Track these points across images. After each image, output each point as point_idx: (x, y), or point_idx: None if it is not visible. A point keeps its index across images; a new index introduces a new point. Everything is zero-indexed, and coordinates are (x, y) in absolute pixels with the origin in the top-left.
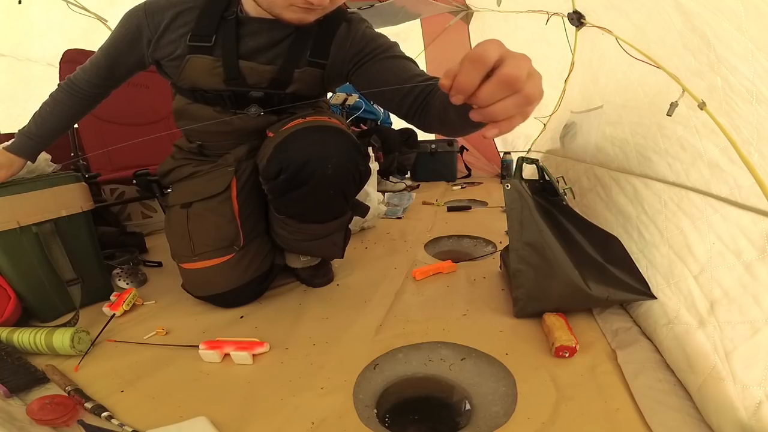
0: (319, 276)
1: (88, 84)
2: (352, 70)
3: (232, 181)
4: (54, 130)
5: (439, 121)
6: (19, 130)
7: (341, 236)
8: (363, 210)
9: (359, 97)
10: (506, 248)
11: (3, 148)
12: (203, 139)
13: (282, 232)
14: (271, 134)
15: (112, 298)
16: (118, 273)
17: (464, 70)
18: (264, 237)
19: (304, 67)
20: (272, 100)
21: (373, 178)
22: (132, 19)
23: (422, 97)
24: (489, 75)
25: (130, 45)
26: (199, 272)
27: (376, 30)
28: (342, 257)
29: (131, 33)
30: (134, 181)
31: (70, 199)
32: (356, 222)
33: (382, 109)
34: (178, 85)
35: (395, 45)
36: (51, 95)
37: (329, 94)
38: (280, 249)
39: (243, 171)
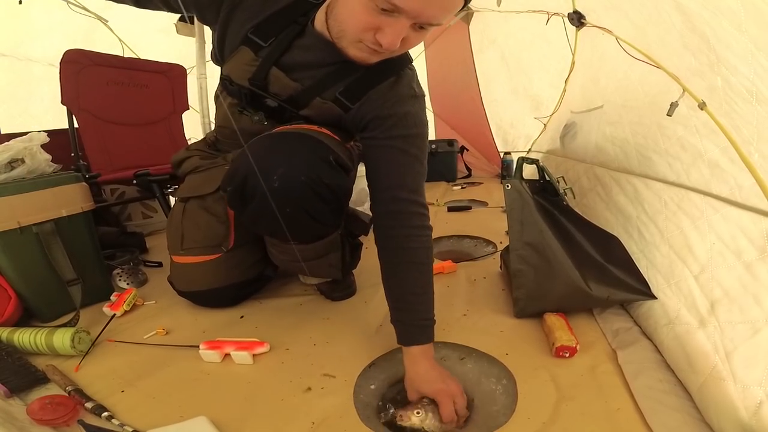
0: (339, 290)
1: None
2: (365, 134)
3: None
4: None
5: (379, 253)
6: None
7: (338, 257)
8: (363, 227)
9: None
10: (506, 248)
11: None
12: (218, 133)
13: (273, 251)
14: None
15: (112, 298)
16: (118, 273)
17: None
18: (256, 245)
19: (328, 100)
20: (284, 114)
21: None
22: None
23: (386, 217)
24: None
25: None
26: (183, 266)
27: None
28: (342, 277)
29: None
30: (134, 181)
31: (70, 199)
32: None
33: None
34: (221, 71)
35: (416, 136)
36: None
37: None
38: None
39: None
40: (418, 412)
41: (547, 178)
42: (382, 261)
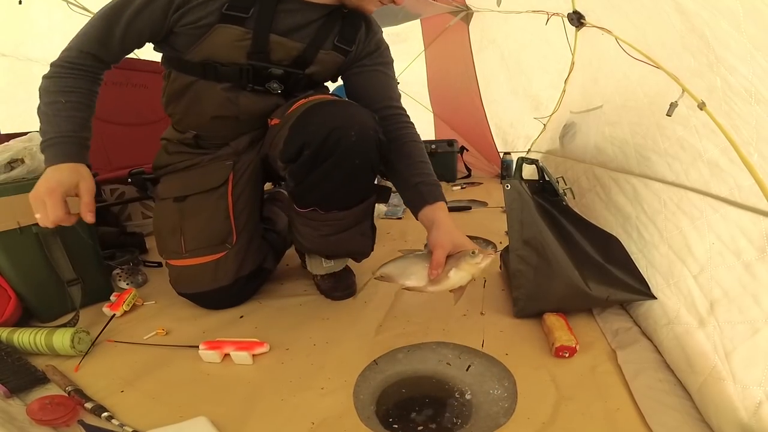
0: (340, 288)
1: (93, 59)
2: (354, 68)
3: (230, 176)
4: (85, 119)
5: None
6: (42, 142)
7: (369, 225)
8: (386, 193)
9: None
10: (506, 248)
11: (51, 167)
12: (200, 127)
13: (306, 230)
14: (275, 121)
15: (112, 298)
16: (118, 273)
17: None
18: (256, 235)
19: (329, 50)
20: (290, 80)
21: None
22: None
23: (390, 125)
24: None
25: (155, 11)
26: (188, 269)
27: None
28: (371, 251)
29: None
30: (129, 180)
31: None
32: None
33: None
34: (184, 60)
35: (391, 62)
36: (48, 90)
37: None
38: (273, 253)
39: (241, 164)
40: (473, 252)
41: (547, 179)
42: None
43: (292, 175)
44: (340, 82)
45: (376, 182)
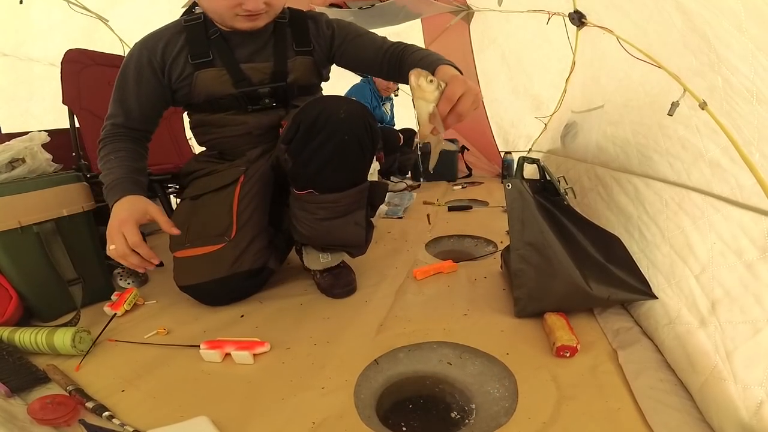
0: (340, 286)
1: (125, 128)
2: (335, 54)
3: (240, 177)
4: (135, 168)
5: (399, 73)
6: (105, 193)
7: (363, 215)
8: (381, 190)
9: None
10: (507, 248)
11: (115, 204)
12: (222, 147)
13: (302, 214)
14: (285, 123)
15: (113, 297)
16: (119, 272)
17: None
18: (260, 235)
19: (294, 56)
20: (278, 93)
21: (374, 178)
22: (138, 58)
23: (394, 59)
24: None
25: (149, 80)
26: (188, 260)
27: (379, 29)
28: (365, 244)
29: (145, 68)
30: None
31: (71, 199)
32: None
33: (388, 113)
34: (192, 103)
35: (352, 23)
36: (102, 155)
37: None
38: (276, 253)
39: (252, 170)
40: (431, 80)
41: (548, 178)
42: (401, 73)
43: (291, 153)
44: (352, 81)
45: (377, 180)
